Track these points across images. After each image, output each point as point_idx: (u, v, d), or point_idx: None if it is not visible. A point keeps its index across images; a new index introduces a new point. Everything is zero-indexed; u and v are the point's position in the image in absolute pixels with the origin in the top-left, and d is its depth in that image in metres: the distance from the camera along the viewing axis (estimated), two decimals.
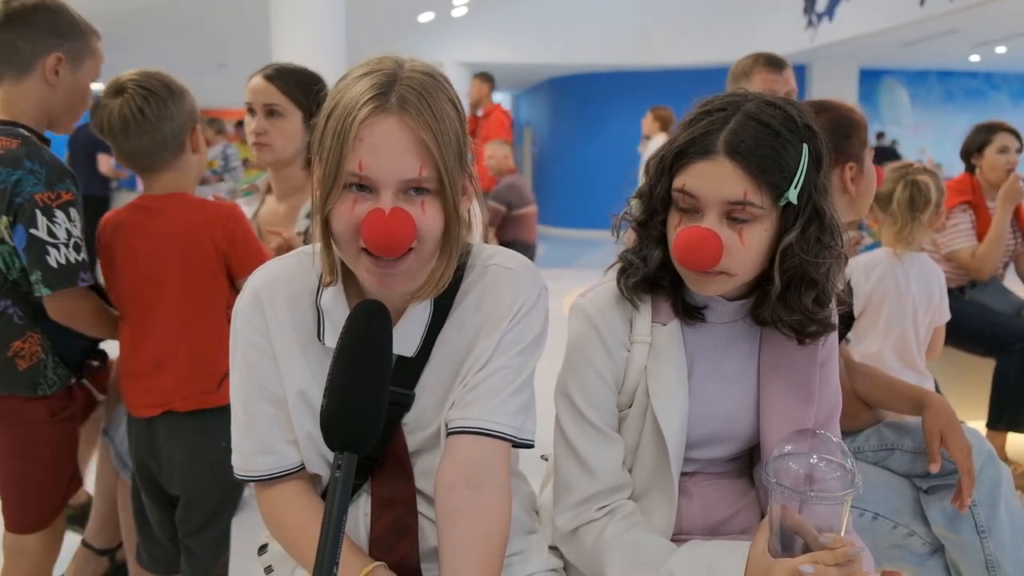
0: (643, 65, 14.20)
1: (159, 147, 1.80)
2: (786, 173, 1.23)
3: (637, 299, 1.38)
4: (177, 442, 1.88)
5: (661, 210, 1.33)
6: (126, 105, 1.74)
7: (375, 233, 1.08)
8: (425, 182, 1.11)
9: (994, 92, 14.93)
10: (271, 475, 1.27)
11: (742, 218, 1.24)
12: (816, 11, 11.36)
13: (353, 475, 0.94)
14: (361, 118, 1.08)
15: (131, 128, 1.75)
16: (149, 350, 1.88)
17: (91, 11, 2.12)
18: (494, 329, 1.24)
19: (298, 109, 2.16)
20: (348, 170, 1.09)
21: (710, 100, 1.31)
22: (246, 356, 1.26)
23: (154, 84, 1.78)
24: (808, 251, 1.27)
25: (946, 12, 9.08)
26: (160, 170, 1.83)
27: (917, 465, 1.80)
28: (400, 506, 1.27)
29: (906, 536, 1.77)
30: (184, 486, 1.90)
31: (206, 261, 1.84)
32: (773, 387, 1.39)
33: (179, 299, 1.85)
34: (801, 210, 1.25)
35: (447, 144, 1.11)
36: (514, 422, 1.22)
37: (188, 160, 1.86)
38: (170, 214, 1.85)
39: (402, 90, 1.09)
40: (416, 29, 13.06)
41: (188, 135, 1.85)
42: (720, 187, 1.23)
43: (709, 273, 1.26)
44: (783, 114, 1.26)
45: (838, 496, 1.12)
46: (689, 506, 1.43)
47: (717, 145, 1.23)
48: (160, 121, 1.77)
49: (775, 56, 2.96)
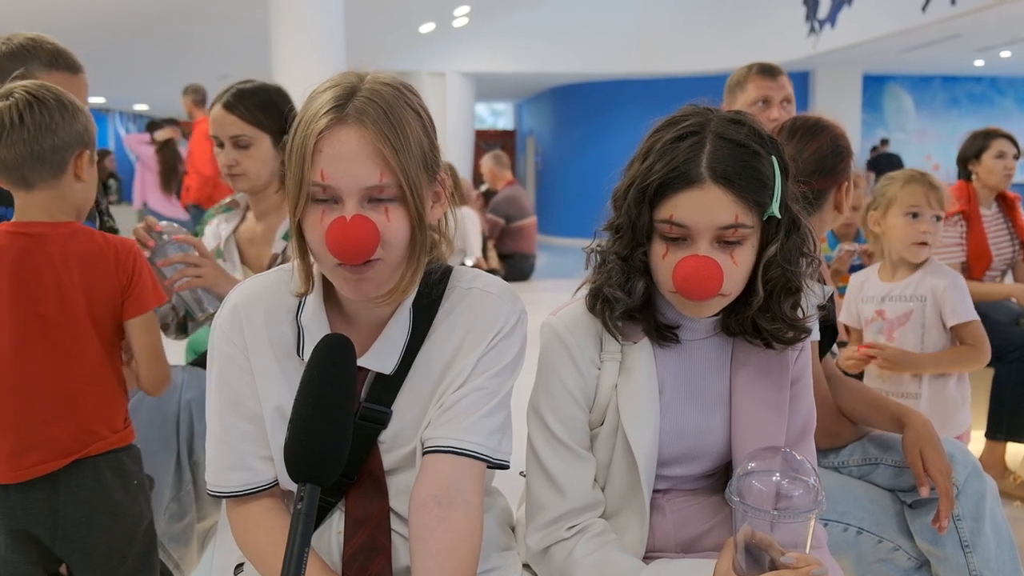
0: (645, 73, 14.19)
1: (33, 159, 1.61)
2: (768, 190, 1.25)
3: (619, 330, 1.37)
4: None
5: (645, 241, 1.31)
6: (6, 108, 1.60)
7: (337, 240, 1.10)
8: (387, 189, 1.13)
9: (999, 97, 14.87)
10: (244, 491, 1.28)
11: (733, 241, 1.25)
12: (818, 18, 11.34)
13: (316, 508, 0.96)
14: (319, 130, 1.11)
15: (5, 132, 1.59)
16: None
17: (93, 27, 2.09)
18: (472, 351, 1.25)
19: (265, 133, 2.14)
20: (311, 181, 1.12)
21: (671, 122, 1.31)
22: (223, 371, 1.28)
23: (43, 94, 1.63)
24: (791, 260, 1.30)
25: (948, 17, 9.05)
26: (34, 187, 1.63)
27: (901, 479, 1.78)
28: (374, 524, 1.27)
29: (891, 551, 1.76)
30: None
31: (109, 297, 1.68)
32: (745, 403, 1.39)
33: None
34: (780, 221, 1.27)
35: (407, 151, 1.13)
36: (489, 442, 1.23)
37: (69, 185, 1.66)
38: (65, 243, 1.66)
39: (359, 102, 1.13)
40: (417, 40, 13.09)
41: (73, 157, 1.65)
42: (711, 214, 1.23)
43: (707, 299, 1.26)
44: (749, 129, 1.28)
45: (802, 514, 1.12)
46: (662, 523, 1.42)
47: (702, 173, 1.23)
48: (39, 131, 1.60)
49: (768, 64, 2.95)
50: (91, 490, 1.66)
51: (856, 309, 2.77)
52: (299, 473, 0.99)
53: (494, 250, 7.49)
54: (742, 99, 2.87)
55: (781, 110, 2.81)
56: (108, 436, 1.68)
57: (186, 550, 2.20)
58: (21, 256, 1.62)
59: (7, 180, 1.65)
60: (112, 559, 1.68)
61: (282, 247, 2.17)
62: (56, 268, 1.63)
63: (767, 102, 2.82)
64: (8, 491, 1.63)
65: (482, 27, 13.34)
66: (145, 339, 1.70)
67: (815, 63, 12.60)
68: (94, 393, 1.67)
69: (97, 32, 10.09)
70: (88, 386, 1.66)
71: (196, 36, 11.22)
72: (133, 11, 9.50)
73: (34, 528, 1.65)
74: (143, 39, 10.89)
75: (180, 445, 2.13)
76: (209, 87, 6.56)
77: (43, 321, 1.62)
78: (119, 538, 1.69)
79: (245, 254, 2.30)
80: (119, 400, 1.72)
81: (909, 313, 2.63)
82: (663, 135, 1.30)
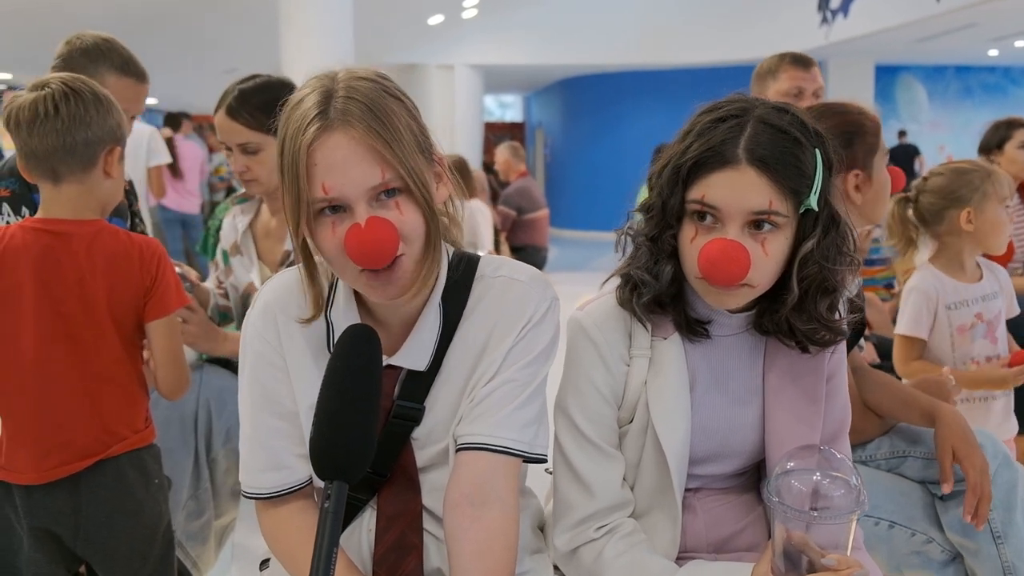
0: (655, 64, 14.12)
1: (65, 151, 1.59)
2: (806, 179, 1.21)
3: (647, 318, 1.34)
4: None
5: (674, 223, 1.27)
6: (42, 99, 1.58)
7: (358, 248, 1.08)
8: (391, 182, 1.11)
9: (1013, 87, 14.75)
10: (278, 492, 1.26)
11: (765, 228, 1.21)
12: (831, 8, 11.26)
13: (344, 506, 0.94)
14: (308, 142, 1.08)
15: (39, 122, 1.57)
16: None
17: (101, 20, 2.07)
18: (501, 341, 1.23)
19: (272, 136, 2.07)
20: (314, 197, 1.10)
21: (715, 107, 1.28)
22: (255, 369, 1.27)
23: (80, 86, 1.61)
24: (828, 258, 1.25)
25: (963, 7, 8.97)
26: (62, 180, 1.61)
27: (931, 471, 1.76)
28: (406, 523, 1.26)
29: (924, 543, 1.74)
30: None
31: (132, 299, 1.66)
32: (779, 400, 1.36)
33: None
34: (819, 216, 1.23)
35: (400, 140, 1.10)
36: (523, 436, 1.21)
37: (98, 181, 1.64)
38: (90, 241, 1.64)
39: (339, 103, 1.10)
40: (426, 32, 13.05)
41: (104, 153, 1.64)
42: (744, 197, 1.20)
43: (732, 286, 1.21)
44: (795, 119, 1.24)
45: (843, 515, 1.09)
46: (694, 523, 1.39)
47: (739, 154, 1.20)
48: (73, 123, 1.58)
49: (802, 55, 2.87)
50: (113, 490, 1.65)
51: (934, 318, 2.46)
52: (325, 470, 0.96)
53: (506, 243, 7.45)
54: (774, 88, 2.80)
55: (813, 101, 2.75)
56: (129, 436, 1.67)
57: (204, 548, 2.19)
58: (44, 254, 1.60)
59: (36, 171, 1.63)
60: (133, 560, 1.67)
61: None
62: (80, 267, 1.61)
63: (800, 94, 2.75)
64: (31, 491, 1.62)
65: (491, 19, 13.29)
66: (165, 343, 1.68)
67: (827, 53, 12.50)
68: (115, 393, 1.66)
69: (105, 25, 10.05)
70: (109, 386, 1.65)
71: (205, 30, 11.21)
72: (141, 5, 9.49)
73: (56, 528, 1.64)
74: (151, 33, 10.87)
75: (199, 443, 2.11)
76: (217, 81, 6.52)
77: (65, 320, 1.60)
78: (140, 538, 1.68)
79: (260, 248, 2.27)
80: (140, 400, 1.71)
81: (1000, 310, 2.49)
82: (705, 117, 1.27)
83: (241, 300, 2.27)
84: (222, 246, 2.32)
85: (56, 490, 1.62)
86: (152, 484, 1.70)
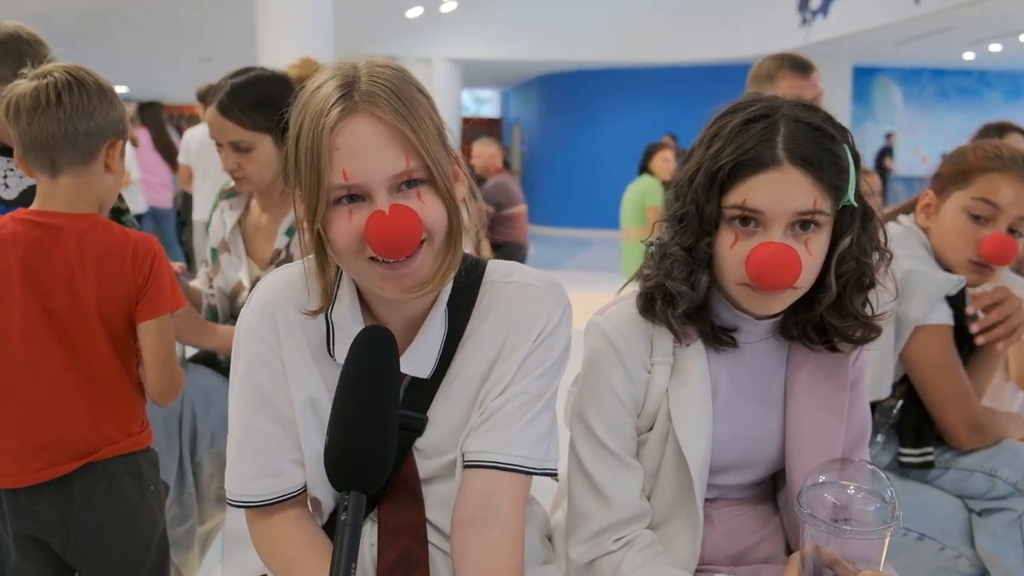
0: (635, 62, 14.15)
1: (66, 141, 1.53)
2: (845, 175, 1.20)
3: (681, 330, 1.29)
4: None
5: (712, 231, 1.24)
6: (44, 88, 1.52)
7: (382, 236, 1.03)
8: (415, 172, 1.06)
9: (988, 90, 14.96)
10: (271, 500, 1.20)
11: (810, 228, 1.19)
12: (810, 8, 11.33)
13: (362, 518, 0.91)
14: (331, 125, 1.03)
15: (40, 110, 1.51)
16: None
17: (75, 6, 1.97)
18: (515, 352, 1.19)
19: (264, 134, 2.03)
20: (332, 184, 1.04)
21: (737, 108, 1.26)
22: (251, 370, 1.20)
23: (84, 76, 1.56)
24: (866, 252, 1.25)
25: (941, 10, 9.08)
26: (61, 172, 1.56)
27: (969, 484, 1.74)
28: (409, 537, 1.21)
29: (954, 558, 1.72)
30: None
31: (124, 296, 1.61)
32: (802, 408, 1.33)
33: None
34: (854, 212, 1.23)
35: (425, 130, 1.07)
36: (535, 452, 1.17)
37: (97, 174, 1.59)
38: (81, 236, 1.59)
39: (364, 87, 1.05)
40: (404, 25, 13.00)
41: (105, 146, 1.59)
42: (789, 198, 1.17)
43: (779, 290, 1.19)
44: (824, 115, 1.23)
45: (878, 530, 1.07)
46: (712, 534, 1.37)
47: (779, 154, 1.17)
48: (76, 112, 1.53)
49: (801, 59, 2.85)
50: (106, 496, 1.59)
51: None
52: (342, 480, 0.93)
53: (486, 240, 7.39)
54: (771, 93, 2.77)
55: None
56: (122, 439, 1.61)
57: (188, 555, 2.13)
58: (34, 247, 1.55)
59: (35, 163, 1.58)
60: (127, 569, 1.62)
61: (285, 243, 2.09)
62: (70, 262, 1.55)
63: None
64: (17, 495, 1.56)
65: (470, 13, 13.25)
66: (156, 345, 1.61)
67: (806, 54, 12.56)
68: (106, 394, 1.60)
69: (76, 11, 9.90)
70: (99, 385, 1.59)
71: (179, 16, 11.04)
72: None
73: (46, 535, 1.58)
74: (123, 19, 10.71)
75: (183, 446, 2.04)
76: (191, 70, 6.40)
77: (51, 317, 1.55)
78: (134, 547, 1.62)
79: (250, 245, 2.20)
80: (134, 402, 1.65)
81: None
82: (729, 120, 1.23)
83: (229, 299, 2.20)
84: (211, 243, 2.25)
85: (44, 495, 1.56)
86: (148, 490, 1.64)
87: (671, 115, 12.95)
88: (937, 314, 1.70)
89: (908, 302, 1.68)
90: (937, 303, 1.70)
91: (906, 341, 1.71)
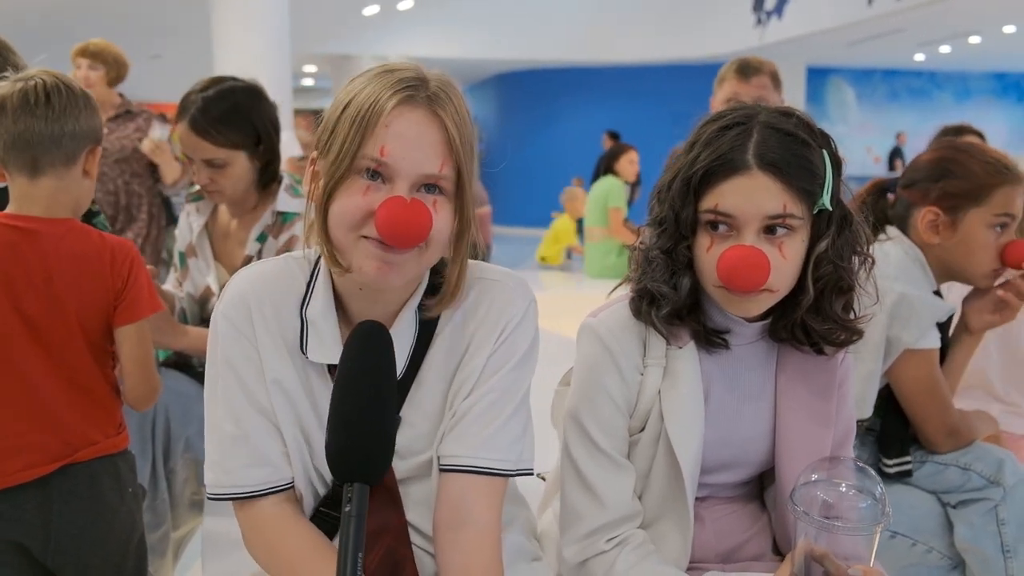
0: (593, 62, 14.22)
1: (51, 140, 1.53)
2: (818, 180, 1.21)
3: (667, 331, 1.32)
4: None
5: (689, 235, 1.27)
6: (31, 87, 1.52)
7: (391, 220, 1.04)
8: (442, 180, 1.10)
9: (938, 91, 15.31)
10: (263, 490, 1.18)
11: (781, 232, 1.21)
12: (765, 9, 11.48)
13: (366, 508, 0.91)
14: (391, 106, 1.07)
15: (29, 108, 1.51)
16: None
17: (23, 3, 1.91)
18: (481, 348, 1.20)
19: (239, 150, 1.99)
20: (368, 154, 1.07)
21: (719, 116, 1.28)
22: (234, 365, 1.19)
23: (69, 81, 1.57)
24: (843, 257, 1.26)
25: (893, 11, 9.26)
26: (41, 173, 1.54)
27: (943, 479, 1.79)
28: (392, 537, 1.21)
29: (924, 553, 1.76)
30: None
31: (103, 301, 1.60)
32: (791, 409, 1.36)
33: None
34: (831, 216, 1.24)
35: (467, 146, 1.11)
36: (510, 454, 1.18)
37: (76, 179, 1.58)
38: (59, 240, 1.58)
39: (433, 87, 1.10)
40: (361, 22, 12.93)
41: (85, 151, 1.59)
42: (758, 202, 1.19)
43: (753, 292, 1.20)
44: (800, 121, 1.25)
45: (870, 527, 1.10)
46: (702, 532, 1.38)
47: (749, 159, 1.20)
48: (64, 113, 1.53)
49: (747, 63, 2.95)
50: (86, 497, 1.57)
51: None
52: (344, 472, 0.92)
53: None
54: (720, 95, 2.91)
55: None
56: (100, 440, 1.59)
57: (162, 561, 2.09)
58: (9, 250, 1.52)
59: (16, 161, 1.55)
60: (107, 571, 1.60)
61: (256, 249, 2.06)
62: (47, 267, 1.53)
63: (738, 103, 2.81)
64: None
65: (427, 11, 13.21)
66: (134, 350, 1.60)
67: (760, 55, 12.73)
68: (84, 396, 1.57)
69: (27, 12, 9.67)
70: (78, 388, 1.57)
71: (129, 12, 10.81)
72: None
73: (25, 539, 1.55)
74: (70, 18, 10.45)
75: (156, 451, 2.00)
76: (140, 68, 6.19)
77: (25, 320, 1.52)
78: (114, 549, 1.60)
79: (217, 250, 2.16)
80: (111, 404, 1.63)
81: None
82: (709, 127, 1.27)
83: (199, 304, 2.16)
84: (178, 247, 2.21)
85: (22, 498, 1.53)
86: (126, 492, 1.62)
87: (628, 114, 13.05)
88: (928, 339, 1.74)
89: (902, 327, 1.71)
90: (929, 329, 1.74)
91: (895, 361, 1.75)
